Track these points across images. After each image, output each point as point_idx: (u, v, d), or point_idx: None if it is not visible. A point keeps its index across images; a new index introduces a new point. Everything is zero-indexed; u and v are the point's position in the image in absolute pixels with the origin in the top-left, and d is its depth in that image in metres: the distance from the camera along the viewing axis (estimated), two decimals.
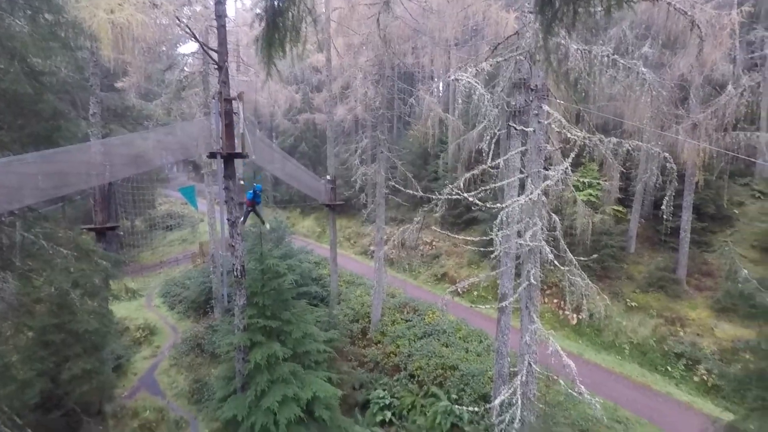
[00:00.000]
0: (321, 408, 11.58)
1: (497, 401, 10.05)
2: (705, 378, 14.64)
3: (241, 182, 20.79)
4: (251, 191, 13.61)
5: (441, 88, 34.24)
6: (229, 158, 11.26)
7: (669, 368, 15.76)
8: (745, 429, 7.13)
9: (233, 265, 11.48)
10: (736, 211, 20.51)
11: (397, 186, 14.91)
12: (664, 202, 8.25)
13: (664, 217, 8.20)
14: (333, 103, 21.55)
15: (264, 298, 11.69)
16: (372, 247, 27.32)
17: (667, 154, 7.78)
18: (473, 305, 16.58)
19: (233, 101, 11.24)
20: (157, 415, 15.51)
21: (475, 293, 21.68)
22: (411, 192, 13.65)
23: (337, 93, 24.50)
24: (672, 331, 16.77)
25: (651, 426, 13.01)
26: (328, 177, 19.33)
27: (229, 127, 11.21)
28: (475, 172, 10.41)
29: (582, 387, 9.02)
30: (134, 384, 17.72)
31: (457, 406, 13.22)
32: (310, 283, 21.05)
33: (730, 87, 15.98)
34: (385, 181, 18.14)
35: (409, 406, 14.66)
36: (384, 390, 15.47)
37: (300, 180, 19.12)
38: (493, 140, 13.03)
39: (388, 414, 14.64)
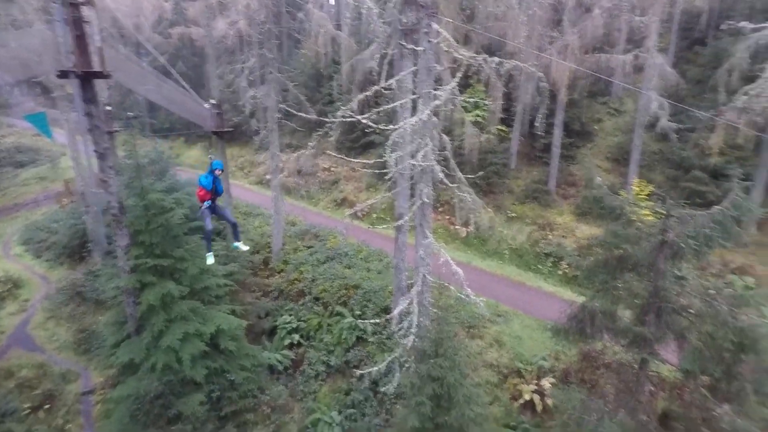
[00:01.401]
0: (226, 340, 11.57)
1: (396, 311, 10.90)
2: (566, 271, 17.35)
3: (108, 108, 18.06)
4: (207, 173, 8.37)
5: (332, 2, 32.07)
6: (86, 78, 9.57)
7: (540, 266, 18.33)
8: (592, 306, 8.70)
9: (108, 202, 10.28)
10: (596, 127, 23.30)
11: (290, 110, 14.15)
12: (537, 120, 8.99)
13: (539, 134, 8.96)
14: (211, 14, 19.08)
15: (151, 236, 10.82)
16: (268, 176, 26.34)
17: (541, 74, 8.33)
18: (372, 227, 17.20)
19: (82, 6, 9.32)
20: (37, 371, 14.25)
21: (374, 215, 22.42)
22: (305, 116, 13.12)
23: (215, 2, 21.62)
24: (543, 236, 19.29)
25: (524, 315, 15.28)
26: (213, 101, 17.63)
27: (80, 39, 9.38)
28: (368, 93, 10.23)
29: (469, 290, 10.12)
30: (2, 343, 15.85)
31: (360, 321, 14.11)
32: None
33: (596, 10, 17.25)
34: (277, 105, 17.10)
35: (316, 327, 15.31)
36: (290, 315, 15.86)
37: (180, 104, 17.18)
38: (386, 60, 12.77)
39: (296, 337, 15.17)
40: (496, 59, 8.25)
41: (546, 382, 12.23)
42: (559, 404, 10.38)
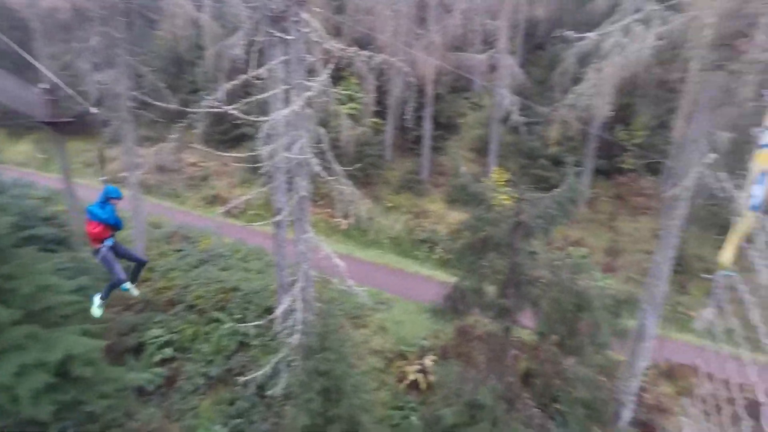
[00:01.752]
0: (80, 366, 9.96)
1: (280, 310, 10.56)
2: (441, 255, 18.65)
3: None
4: (100, 202, 6.49)
5: None
6: None
7: (417, 252, 19.39)
8: (463, 285, 9.47)
9: None
10: (461, 121, 25.32)
11: (147, 99, 12.60)
12: (407, 113, 9.41)
13: (410, 126, 9.36)
14: None
15: None
16: (124, 173, 23.29)
17: (408, 69, 8.71)
18: (249, 224, 16.38)
19: None
20: None
21: (251, 212, 21.36)
22: (165, 106, 11.80)
23: None
24: (418, 223, 20.42)
25: (405, 300, 16.04)
26: (44, 86, 14.84)
27: None
28: (236, 82, 9.62)
29: (351, 282, 10.23)
30: None
31: (241, 325, 13.37)
32: (39, 224, 16.82)
33: (455, 11, 18.62)
34: (130, 92, 15.11)
35: (192, 337, 14.08)
36: (160, 328, 14.31)
37: None
38: (254, 48, 12.10)
39: (169, 351, 13.76)
40: (366, 53, 8.38)
41: (428, 361, 13.04)
42: (440, 379, 11.14)
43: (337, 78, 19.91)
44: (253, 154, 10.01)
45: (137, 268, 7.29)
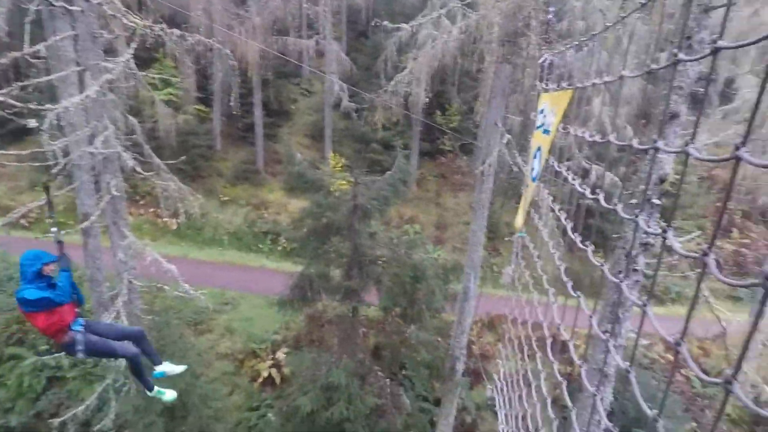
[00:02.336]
0: None
1: None
2: (285, 246, 18.30)
3: None
4: (30, 279, 3.94)
5: None
6: None
7: (260, 246, 18.67)
8: (309, 272, 9.49)
9: None
10: (293, 107, 24.95)
11: None
12: (232, 98, 8.84)
13: (237, 113, 8.82)
14: None
15: None
16: None
17: (228, 51, 8.13)
18: (46, 236, 13.50)
19: None
20: None
21: (49, 220, 17.66)
22: None
23: None
24: (259, 215, 19.63)
25: (253, 296, 15.37)
26: None
27: None
28: (4, 61, 7.67)
29: (186, 286, 9.30)
30: None
31: (47, 357, 11.08)
32: None
33: None
34: None
35: None
36: None
37: None
38: (29, 19, 9.80)
39: None
40: (177, 31, 7.50)
41: (281, 354, 12.79)
42: (294, 369, 11.05)
43: (148, 59, 17.54)
44: (42, 150, 8.19)
45: (140, 344, 4.80)
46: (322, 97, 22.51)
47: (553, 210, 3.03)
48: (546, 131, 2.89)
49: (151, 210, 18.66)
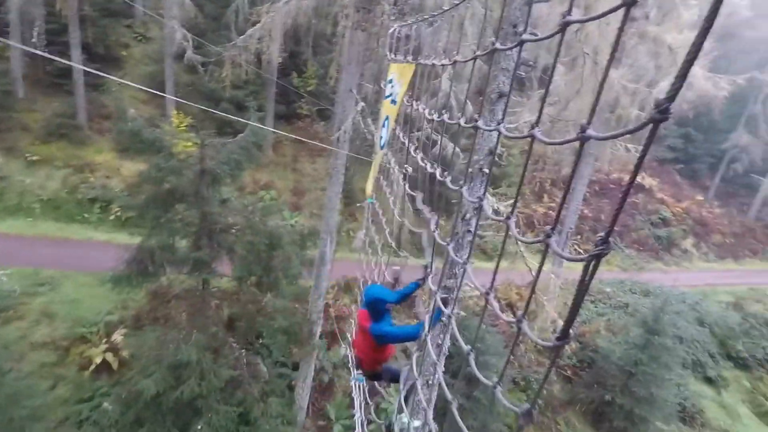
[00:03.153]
0: None
1: None
2: (119, 215, 16.02)
3: None
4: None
5: None
6: None
7: (86, 215, 16.02)
8: (150, 244, 8.53)
9: None
10: (125, 53, 21.43)
11: None
12: (34, 33, 7.17)
13: (41, 50, 7.18)
14: None
15: None
16: None
17: None
18: None
19: None
20: None
21: None
22: None
23: None
24: (83, 179, 16.72)
25: (78, 274, 13.23)
26: None
27: None
28: None
29: None
30: None
31: None
32: None
33: None
34: None
35: None
36: None
37: None
38: None
39: None
40: None
41: (118, 336, 11.43)
42: (135, 351, 9.99)
43: None
44: None
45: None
46: (162, 45, 19.76)
47: (403, 176, 3.22)
48: (393, 101, 3.01)
49: None
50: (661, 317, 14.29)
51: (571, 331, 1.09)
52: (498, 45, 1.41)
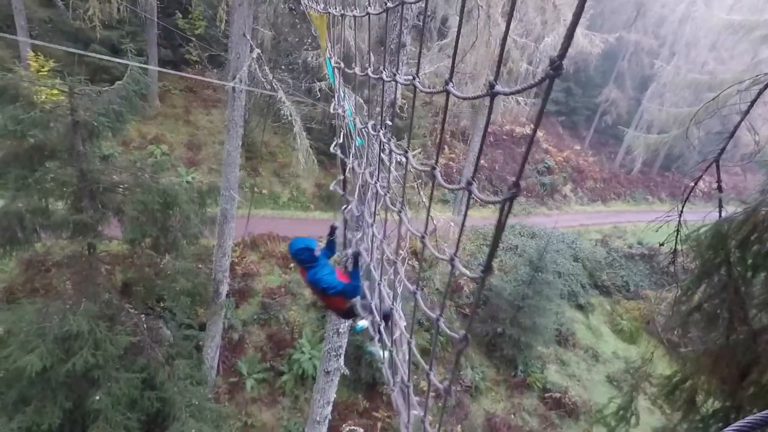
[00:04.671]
0: None
1: None
2: None
3: None
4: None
5: None
6: None
7: None
8: (17, 208, 7.51)
9: None
10: None
11: None
12: None
13: None
14: None
15: None
16: None
17: None
18: None
19: None
20: None
21: None
22: None
23: None
24: None
25: None
26: None
27: None
28: None
29: None
30: None
31: None
32: None
33: None
34: None
35: None
36: None
37: None
38: None
39: None
40: None
41: None
42: (10, 327, 8.95)
43: None
44: None
45: None
46: None
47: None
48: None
49: None
50: (545, 256, 16.25)
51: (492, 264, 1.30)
52: None
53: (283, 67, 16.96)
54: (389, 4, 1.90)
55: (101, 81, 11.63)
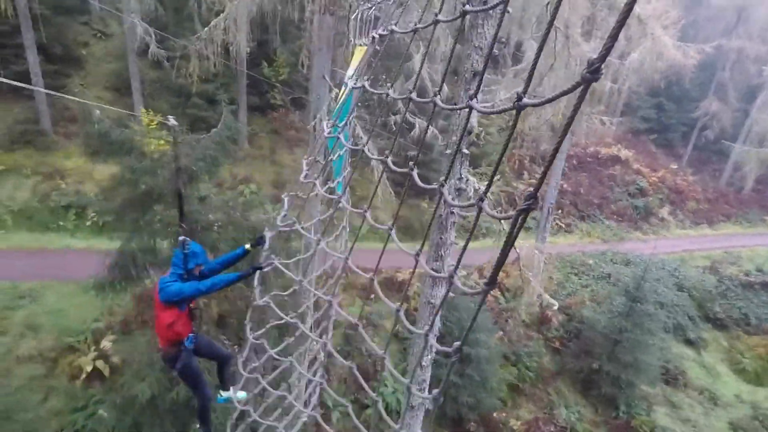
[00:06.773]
0: None
1: None
2: (95, 220, 15.63)
3: None
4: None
5: None
6: None
7: (61, 222, 15.58)
8: (131, 248, 8.37)
9: None
10: (84, 52, 20.61)
11: None
12: None
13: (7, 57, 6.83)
14: None
15: None
16: None
17: None
18: None
19: None
20: None
21: None
22: None
23: None
24: (54, 186, 16.20)
25: (60, 283, 12.93)
26: None
27: None
28: None
29: None
30: None
31: None
32: None
33: None
34: None
35: None
36: None
37: None
38: None
39: None
40: None
41: (106, 343, 11.28)
42: (126, 356, 9.89)
43: None
44: None
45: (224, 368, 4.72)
46: (123, 41, 19.05)
47: (384, 164, 3.20)
48: (345, 84, 3.02)
49: None
50: (643, 285, 14.71)
51: (497, 278, 1.24)
52: (468, 7, 1.45)
53: (359, 104, 17.62)
54: (440, 18, 1.90)
55: (199, 129, 12.86)
